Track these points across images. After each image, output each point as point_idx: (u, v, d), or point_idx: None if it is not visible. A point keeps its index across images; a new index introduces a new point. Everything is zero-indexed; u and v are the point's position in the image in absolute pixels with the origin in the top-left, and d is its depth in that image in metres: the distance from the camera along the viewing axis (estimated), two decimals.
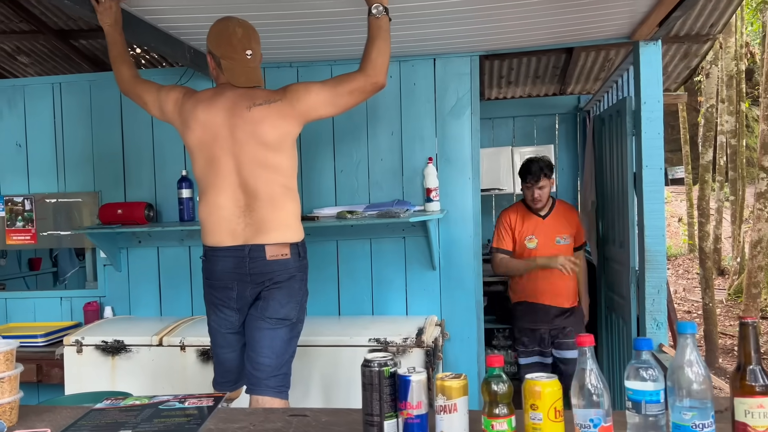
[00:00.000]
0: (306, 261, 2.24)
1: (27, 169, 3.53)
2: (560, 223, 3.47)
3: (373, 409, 1.22)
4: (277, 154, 2.15)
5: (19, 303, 3.60)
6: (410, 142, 3.25)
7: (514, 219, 3.49)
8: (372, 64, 2.11)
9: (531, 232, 3.44)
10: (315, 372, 2.81)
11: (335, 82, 2.19)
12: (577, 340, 1.18)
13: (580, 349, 1.17)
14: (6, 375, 1.40)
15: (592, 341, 1.18)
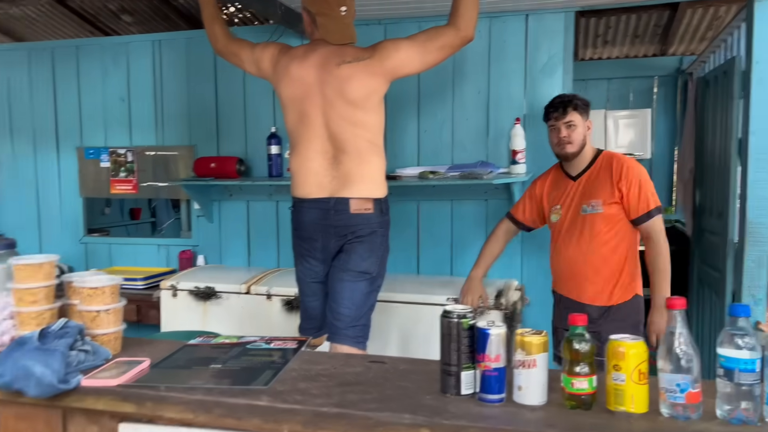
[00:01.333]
0: (388, 217, 2.28)
1: (129, 122, 3.75)
2: (594, 185, 2.42)
3: (450, 359, 1.23)
4: (364, 111, 2.19)
5: (122, 248, 3.87)
6: (497, 102, 3.17)
7: (542, 184, 2.64)
8: (461, 17, 2.09)
9: (557, 200, 2.54)
10: (393, 327, 2.87)
11: (424, 37, 2.19)
12: (667, 303, 1.13)
13: (671, 312, 1.13)
14: (112, 307, 1.52)
15: (684, 304, 1.13)
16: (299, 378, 1.37)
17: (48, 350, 1.33)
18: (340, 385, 1.32)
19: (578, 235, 2.43)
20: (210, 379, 1.36)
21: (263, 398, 1.26)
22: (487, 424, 1.13)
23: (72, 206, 3.89)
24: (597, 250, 2.39)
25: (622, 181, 2.36)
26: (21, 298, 1.51)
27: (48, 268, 1.52)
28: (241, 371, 1.41)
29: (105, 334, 1.51)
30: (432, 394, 1.26)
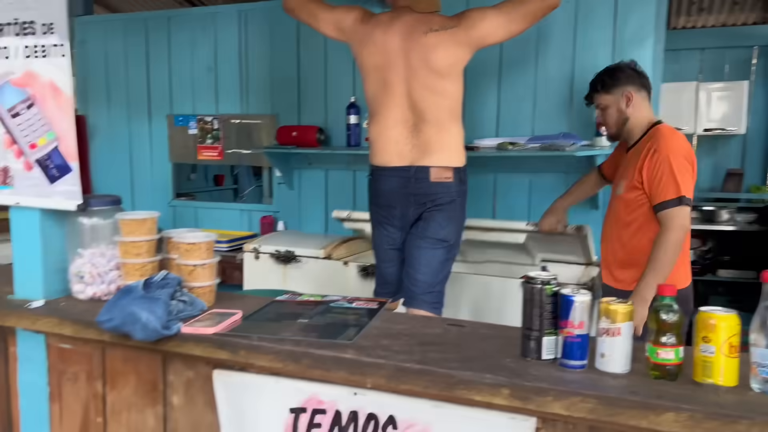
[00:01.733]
0: (466, 187, 2.29)
1: (216, 91, 3.89)
2: (630, 163, 2.21)
3: (533, 324, 1.25)
4: (446, 80, 2.20)
5: (207, 212, 4.06)
6: (582, 72, 3.07)
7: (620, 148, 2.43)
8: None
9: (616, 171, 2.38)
10: (466, 298, 2.89)
11: (510, 6, 2.19)
12: (762, 275, 1.10)
13: (765, 286, 1.09)
14: (207, 262, 1.62)
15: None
16: (381, 335, 1.42)
17: (152, 298, 1.44)
18: (421, 344, 1.36)
19: (609, 214, 2.30)
20: (298, 332, 1.43)
21: (348, 352, 1.32)
22: (569, 387, 1.14)
23: (162, 171, 4.10)
24: (618, 233, 2.21)
25: (645, 165, 2.08)
26: (126, 250, 1.63)
27: (150, 223, 1.64)
28: (327, 326, 1.48)
29: (201, 287, 1.61)
30: (512, 358, 1.28)
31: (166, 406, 1.55)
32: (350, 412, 1.34)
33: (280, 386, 1.39)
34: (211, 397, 1.46)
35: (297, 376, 1.36)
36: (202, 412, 1.50)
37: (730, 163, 4.83)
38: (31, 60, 1.66)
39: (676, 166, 2.03)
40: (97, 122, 4.20)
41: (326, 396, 1.36)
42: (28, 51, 1.66)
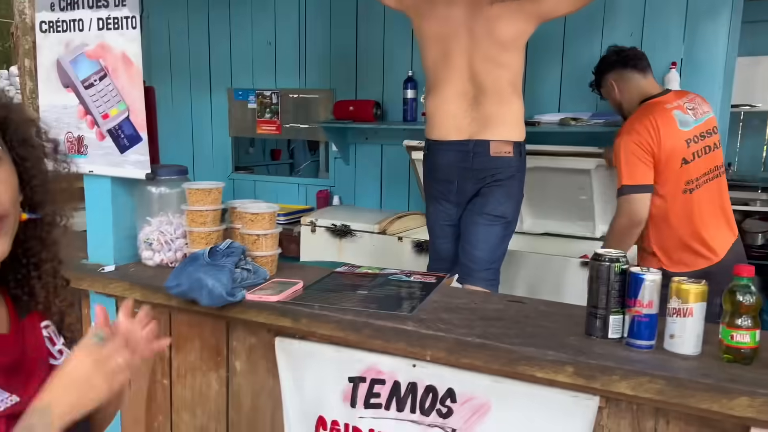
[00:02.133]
0: (525, 162, 2.25)
1: (275, 65, 3.93)
2: None
3: (599, 302, 1.22)
4: (509, 52, 2.15)
5: (265, 186, 4.13)
6: (651, 45, 2.94)
7: None
8: None
9: None
10: (523, 276, 2.85)
11: None
12: None
13: None
14: (270, 232, 1.65)
15: None
16: (441, 309, 1.42)
17: (217, 266, 1.48)
18: (482, 319, 1.35)
19: None
20: (358, 303, 1.44)
21: (409, 323, 1.32)
22: (636, 367, 1.11)
23: (222, 144, 4.19)
24: None
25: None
26: (192, 219, 1.68)
27: (216, 193, 1.68)
28: (386, 298, 1.48)
29: (263, 256, 1.64)
30: (576, 336, 1.26)
31: (229, 371, 1.60)
32: (409, 383, 1.35)
33: (339, 355, 1.41)
34: (273, 363, 1.50)
35: (356, 346, 1.38)
36: (264, 378, 1.54)
37: None
38: (103, 32, 1.70)
39: (624, 155, 2.10)
40: (161, 95, 4.29)
41: (385, 366, 1.37)
42: (101, 23, 1.71)
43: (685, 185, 2.12)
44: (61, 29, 1.79)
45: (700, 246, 2.13)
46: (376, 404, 1.39)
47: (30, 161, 0.91)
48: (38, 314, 0.93)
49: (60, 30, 1.79)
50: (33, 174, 0.92)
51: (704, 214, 2.15)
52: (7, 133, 0.90)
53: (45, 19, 1.81)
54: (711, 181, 2.17)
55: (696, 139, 2.16)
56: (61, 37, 1.78)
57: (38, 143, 0.94)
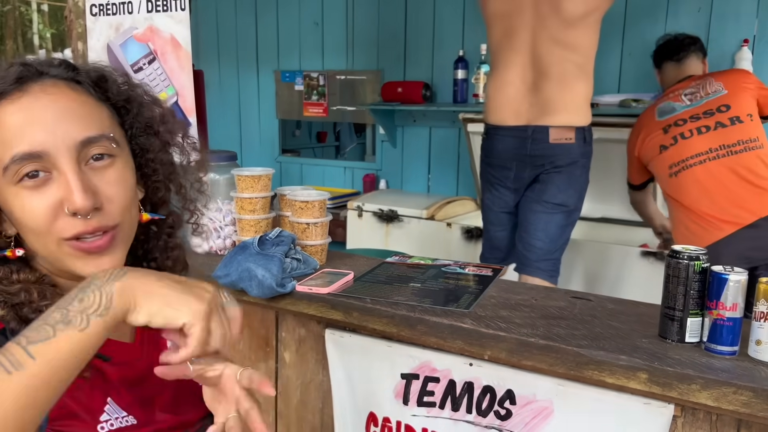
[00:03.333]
0: (590, 148, 2.13)
1: (322, 46, 3.87)
2: None
3: (676, 303, 1.12)
4: (578, 30, 2.01)
5: (311, 169, 4.10)
6: (721, 21, 2.76)
7: None
8: None
9: None
10: (579, 265, 2.74)
11: None
12: None
13: None
14: (320, 221, 1.60)
15: None
16: (499, 305, 1.35)
17: (267, 256, 1.44)
18: (545, 318, 1.27)
19: None
20: (411, 297, 1.38)
21: (466, 321, 1.25)
22: (718, 376, 1.02)
23: (269, 127, 4.17)
24: None
25: None
26: (242, 206, 1.64)
27: (266, 180, 1.63)
28: (440, 292, 1.42)
29: (313, 245, 1.60)
30: (648, 338, 1.16)
31: (278, 362, 1.57)
32: (465, 382, 1.29)
33: (392, 350, 1.36)
34: (323, 356, 1.46)
35: (410, 342, 1.32)
36: (313, 371, 1.50)
37: None
38: (152, 15, 1.67)
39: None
40: (208, 77, 4.29)
41: (440, 364, 1.31)
42: (150, 5, 1.67)
43: (668, 169, 2.19)
44: (111, 12, 1.76)
45: (700, 224, 2.12)
46: (430, 402, 1.33)
47: (152, 152, 0.80)
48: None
49: (110, 13, 1.77)
50: (155, 168, 0.80)
51: (701, 193, 2.11)
52: (126, 119, 0.78)
53: (95, 2, 1.79)
54: (716, 160, 2.11)
55: (681, 122, 2.19)
56: (111, 21, 1.76)
57: (163, 130, 0.81)
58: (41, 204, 0.69)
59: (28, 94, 0.69)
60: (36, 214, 0.69)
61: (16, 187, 0.69)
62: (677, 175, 2.18)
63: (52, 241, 0.70)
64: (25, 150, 0.67)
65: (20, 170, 0.68)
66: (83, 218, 0.69)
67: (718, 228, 2.09)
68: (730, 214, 2.07)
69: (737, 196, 2.10)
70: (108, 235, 0.72)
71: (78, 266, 0.71)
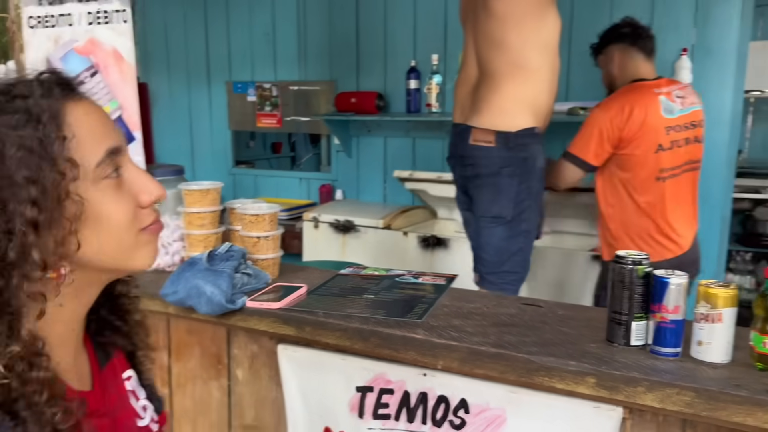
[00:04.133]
0: (523, 155, 1.97)
1: (274, 57, 3.84)
2: None
3: (621, 308, 1.15)
4: (506, 26, 1.91)
5: (266, 180, 4.06)
6: (662, 31, 2.85)
7: None
8: None
9: None
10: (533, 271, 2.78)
11: None
12: None
13: None
14: (271, 234, 1.58)
15: None
16: (452, 315, 1.35)
17: (216, 271, 1.41)
18: (495, 326, 1.28)
19: None
20: (365, 309, 1.37)
21: (419, 331, 1.25)
22: (663, 378, 1.04)
23: (222, 138, 4.11)
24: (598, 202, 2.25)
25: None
26: (190, 221, 1.60)
27: (214, 194, 1.60)
28: (394, 303, 1.42)
29: (265, 259, 1.58)
30: (596, 343, 1.19)
31: (231, 380, 1.54)
32: (419, 393, 1.28)
33: (346, 363, 1.35)
34: (276, 372, 1.44)
35: (364, 355, 1.31)
36: (267, 387, 1.48)
37: None
38: (93, 27, 1.63)
39: (588, 127, 2.16)
40: (158, 90, 4.23)
41: (394, 376, 1.31)
42: (91, 17, 1.63)
43: (659, 173, 2.10)
44: (50, 24, 1.71)
45: (669, 236, 2.12)
46: (385, 415, 1.33)
47: None
48: (119, 362, 0.82)
49: (49, 25, 1.71)
50: None
51: (675, 205, 2.13)
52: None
53: (33, 14, 1.73)
54: (685, 173, 2.16)
55: (678, 128, 2.14)
56: (50, 33, 1.71)
57: None
58: (127, 197, 0.71)
59: (84, 97, 0.72)
60: (126, 207, 0.70)
61: (103, 182, 0.69)
62: (665, 180, 2.09)
63: (132, 234, 0.71)
64: (116, 144, 0.70)
65: (112, 164, 0.70)
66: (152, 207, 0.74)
67: (679, 246, 2.11)
68: (689, 231, 2.12)
69: (692, 213, 2.16)
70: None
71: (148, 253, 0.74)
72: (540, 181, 2.05)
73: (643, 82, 2.19)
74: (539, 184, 2.04)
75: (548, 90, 2.01)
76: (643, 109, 2.09)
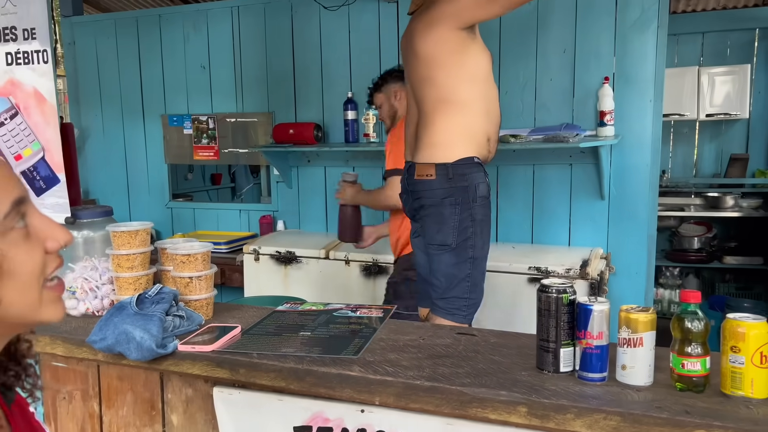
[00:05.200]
0: (463, 184, 2.02)
1: (210, 89, 3.81)
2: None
3: (549, 336, 1.18)
4: (432, 66, 1.98)
5: (205, 213, 3.99)
6: (584, 60, 3.00)
7: None
8: None
9: None
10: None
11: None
12: None
13: None
14: (204, 274, 1.55)
15: None
16: (388, 348, 1.36)
17: (146, 315, 1.37)
18: (430, 357, 1.30)
19: None
20: (300, 347, 1.36)
21: (354, 368, 1.25)
22: (590, 404, 1.07)
23: (158, 172, 4.03)
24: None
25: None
26: (119, 263, 1.56)
27: (143, 234, 1.57)
28: (330, 339, 1.41)
29: (198, 299, 1.54)
30: (527, 371, 1.21)
31: (166, 426, 1.49)
32: (358, 429, 1.28)
33: (283, 404, 1.33)
34: (213, 415, 1.40)
35: (301, 394, 1.30)
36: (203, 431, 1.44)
37: (734, 148, 4.75)
38: (13, 67, 1.58)
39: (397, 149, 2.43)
40: (91, 124, 4.12)
41: (332, 414, 1.29)
42: (10, 58, 1.58)
43: None
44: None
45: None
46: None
47: None
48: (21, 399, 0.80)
49: None
50: None
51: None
52: None
53: None
54: None
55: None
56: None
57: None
58: (36, 245, 0.69)
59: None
60: (36, 256, 0.69)
61: (11, 234, 0.68)
62: None
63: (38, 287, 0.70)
64: (20, 194, 0.69)
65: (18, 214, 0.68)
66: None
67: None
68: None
69: None
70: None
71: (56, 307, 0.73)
72: (484, 208, 2.07)
73: None
74: (483, 211, 2.06)
75: (483, 119, 2.05)
76: None
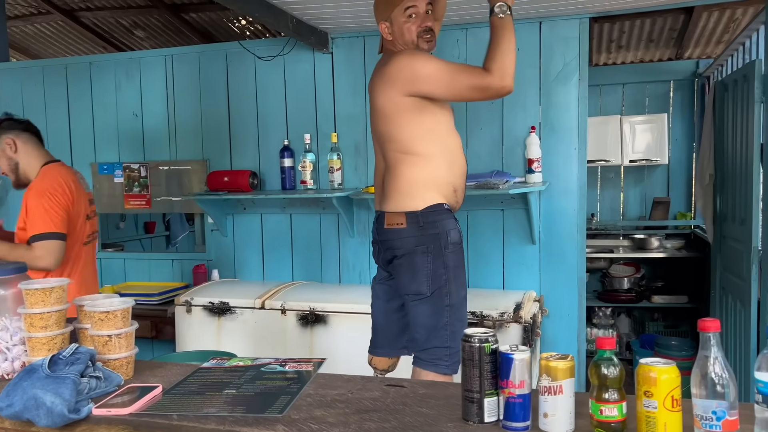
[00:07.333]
0: (435, 231, 2.04)
1: (143, 137, 3.75)
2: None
3: (473, 386, 1.18)
4: (391, 123, 2.07)
5: (136, 263, 3.86)
6: (512, 111, 3.13)
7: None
8: (499, 66, 1.90)
9: None
10: None
11: (458, 70, 2.00)
12: (700, 324, 1.08)
13: (704, 335, 1.07)
14: (123, 331, 1.49)
15: (718, 327, 1.07)
16: (315, 404, 1.33)
17: (58, 378, 1.30)
18: (358, 413, 1.28)
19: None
20: (224, 406, 1.32)
21: (278, 427, 1.21)
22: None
23: None
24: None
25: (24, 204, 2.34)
26: (32, 323, 1.48)
27: (59, 292, 1.50)
28: (256, 397, 1.37)
29: (117, 359, 1.48)
30: (453, 422, 1.21)
31: None
32: None
33: None
34: None
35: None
36: None
37: (656, 191, 5.00)
38: None
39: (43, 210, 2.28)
40: None
41: None
42: None
43: (87, 237, 2.50)
44: None
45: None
46: None
47: None
48: None
49: None
50: None
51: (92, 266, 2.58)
52: None
53: None
54: (95, 241, 2.60)
55: (91, 201, 2.57)
56: None
57: None
58: None
59: None
60: None
61: None
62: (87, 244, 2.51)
63: None
64: None
65: None
66: None
67: None
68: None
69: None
70: None
71: None
72: (456, 254, 2.08)
73: (59, 163, 2.52)
74: (456, 258, 2.07)
75: (446, 170, 2.10)
76: (76, 184, 2.44)
